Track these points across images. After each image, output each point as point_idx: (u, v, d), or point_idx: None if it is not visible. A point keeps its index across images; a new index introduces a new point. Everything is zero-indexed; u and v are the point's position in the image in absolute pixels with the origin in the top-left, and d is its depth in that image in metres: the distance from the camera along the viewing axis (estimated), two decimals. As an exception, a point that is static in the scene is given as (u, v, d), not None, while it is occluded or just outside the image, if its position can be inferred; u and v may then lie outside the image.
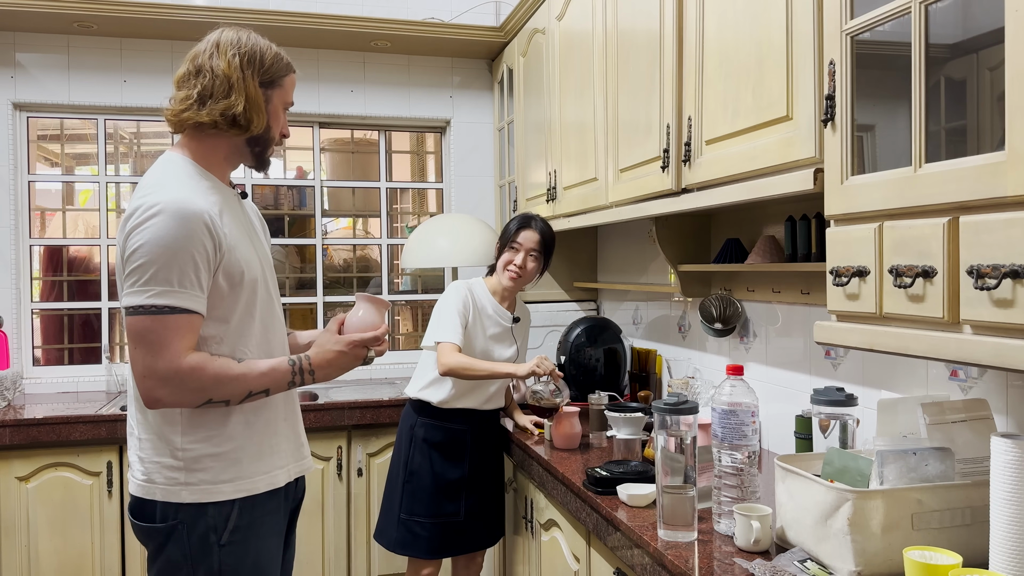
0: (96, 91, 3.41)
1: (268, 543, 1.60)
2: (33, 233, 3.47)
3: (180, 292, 1.43)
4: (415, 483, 2.48)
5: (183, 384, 1.44)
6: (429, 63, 3.81)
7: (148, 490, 1.52)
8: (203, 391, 1.46)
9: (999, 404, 1.51)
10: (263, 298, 1.60)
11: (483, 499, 2.55)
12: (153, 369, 1.43)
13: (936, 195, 1.14)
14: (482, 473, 2.54)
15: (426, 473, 2.47)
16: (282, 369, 1.53)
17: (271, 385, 1.53)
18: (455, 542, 2.50)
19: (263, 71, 1.57)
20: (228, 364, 1.48)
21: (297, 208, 3.89)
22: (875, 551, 1.27)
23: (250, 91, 1.55)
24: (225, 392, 1.48)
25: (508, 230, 2.54)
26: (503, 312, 2.54)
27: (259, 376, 1.50)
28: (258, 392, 1.52)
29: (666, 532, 1.56)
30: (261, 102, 1.57)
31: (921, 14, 1.17)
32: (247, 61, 1.55)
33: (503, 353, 2.53)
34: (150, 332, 1.42)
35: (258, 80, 1.57)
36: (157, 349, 1.42)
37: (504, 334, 2.54)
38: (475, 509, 2.52)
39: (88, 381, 3.43)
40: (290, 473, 1.66)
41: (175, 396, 1.45)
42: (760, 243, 2.11)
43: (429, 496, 2.47)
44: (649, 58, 2.14)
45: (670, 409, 1.55)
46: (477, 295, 2.51)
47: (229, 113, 1.53)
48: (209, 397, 1.47)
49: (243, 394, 1.50)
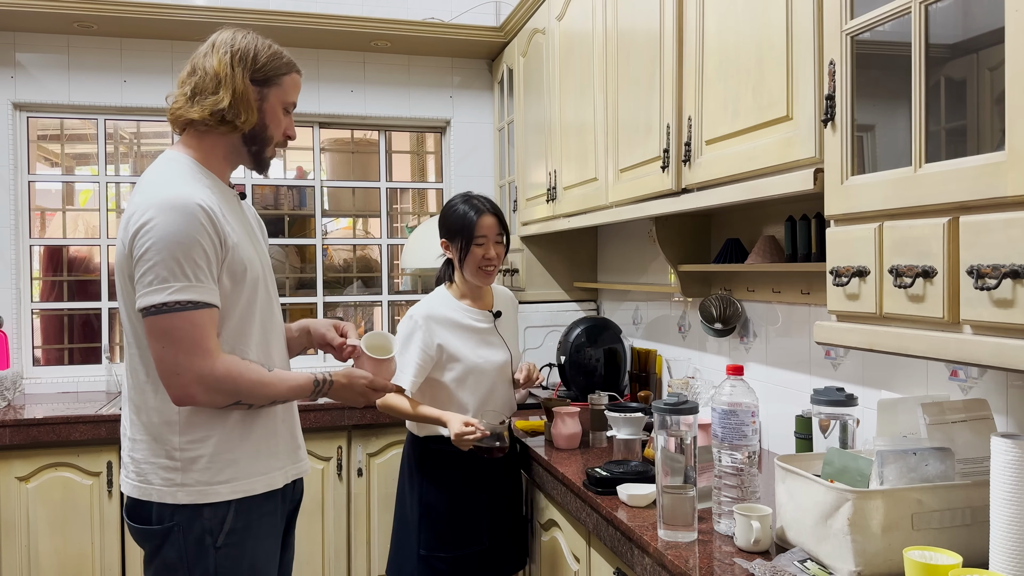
0: (96, 91, 3.41)
1: (265, 545, 1.59)
2: (33, 233, 3.47)
3: (198, 286, 1.44)
4: (433, 517, 2.24)
5: (219, 385, 1.45)
6: (429, 63, 3.81)
7: (144, 491, 1.52)
8: (236, 394, 1.49)
9: (999, 404, 1.51)
10: (263, 298, 1.60)
11: (506, 521, 2.34)
12: (188, 367, 1.43)
13: (936, 195, 1.14)
14: (503, 490, 2.34)
15: (443, 506, 2.24)
16: (306, 386, 1.59)
17: (294, 397, 1.59)
18: (479, 572, 2.27)
19: (256, 68, 1.57)
20: (261, 371, 1.53)
21: (297, 208, 3.89)
22: (875, 551, 1.27)
23: (237, 87, 1.55)
24: (255, 397, 1.52)
25: (467, 222, 2.22)
26: (479, 313, 2.31)
27: (288, 390, 1.56)
28: (280, 401, 1.57)
29: (666, 532, 1.56)
30: (251, 98, 1.56)
31: (921, 14, 1.17)
32: (238, 59, 1.56)
33: (494, 358, 2.29)
34: (178, 330, 1.42)
35: (249, 77, 1.56)
36: (189, 346, 1.43)
37: (489, 334, 2.32)
38: (499, 533, 2.31)
39: (88, 381, 3.43)
40: (288, 475, 1.66)
41: (209, 395, 1.46)
42: (760, 243, 2.11)
43: (450, 529, 2.24)
44: (649, 58, 2.14)
45: (670, 409, 1.55)
46: (440, 312, 2.26)
47: (216, 109, 1.53)
48: (239, 399, 1.50)
49: (268, 401, 1.54)
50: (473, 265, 2.25)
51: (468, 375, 2.25)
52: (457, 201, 2.30)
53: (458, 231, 2.25)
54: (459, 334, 2.27)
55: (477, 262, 2.24)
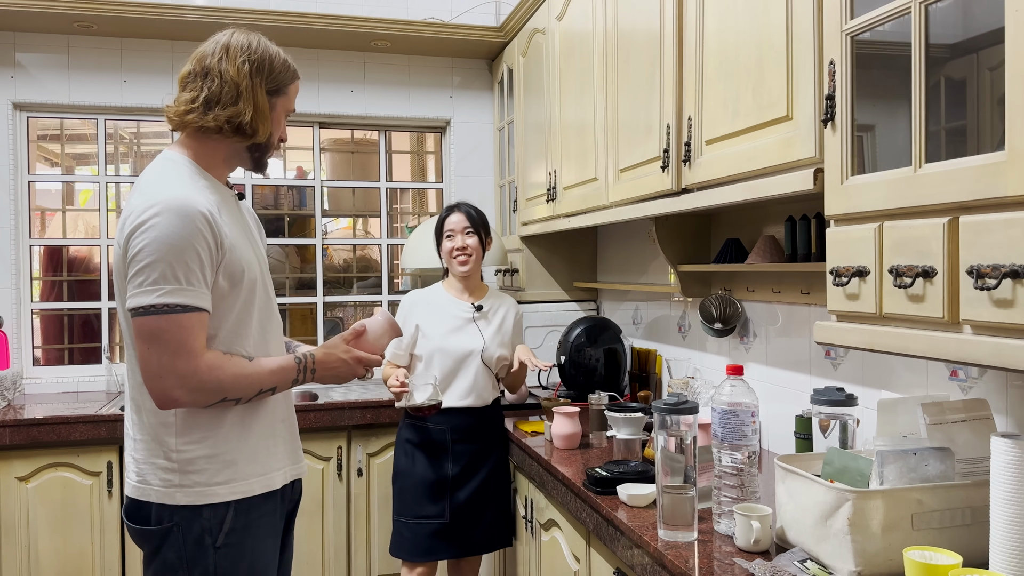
0: (96, 91, 3.41)
1: (264, 545, 1.59)
2: (33, 233, 3.47)
3: (189, 290, 1.43)
4: (400, 483, 2.52)
5: (202, 384, 1.44)
6: (429, 63, 3.81)
7: (143, 492, 1.52)
8: (220, 391, 1.47)
9: (999, 404, 1.51)
10: (261, 299, 1.59)
11: (474, 502, 2.50)
12: (172, 369, 1.42)
13: (936, 195, 1.14)
14: (470, 474, 2.50)
15: (409, 474, 2.49)
16: (289, 367, 1.56)
17: (279, 383, 1.55)
18: (440, 546, 2.46)
19: (271, 79, 1.56)
20: (242, 362, 1.50)
21: (297, 208, 3.89)
22: (875, 551, 1.27)
23: (258, 100, 1.54)
24: (240, 390, 1.49)
25: (440, 221, 2.58)
26: (460, 304, 2.54)
27: (270, 374, 1.53)
28: (267, 390, 1.53)
29: (666, 532, 1.56)
30: (267, 111, 1.56)
31: (921, 14, 1.17)
32: (256, 68, 1.54)
33: (465, 344, 2.49)
34: (164, 332, 1.41)
35: (265, 88, 1.55)
36: (174, 349, 1.42)
37: (467, 323, 2.52)
38: (462, 511, 2.48)
39: (88, 381, 3.43)
40: (286, 475, 1.65)
41: (192, 396, 1.45)
42: (760, 243, 2.11)
43: (413, 497, 2.48)
44: (649, 58, 2.14)
45: (670, 409, 1.55)
46: (425, 297, 2.57)
47: (236, 121, 1.52)
48: (225, 396, 1.48)
49: (254, 392, 1.52)
50: (447, 257, 2.56)
51: (435, 353, 2.49)
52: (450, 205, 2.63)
53: (436, 231, 2.60)
54: (436, 317, 2.53)
55: (449, 253, 2.54)
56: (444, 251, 2.55)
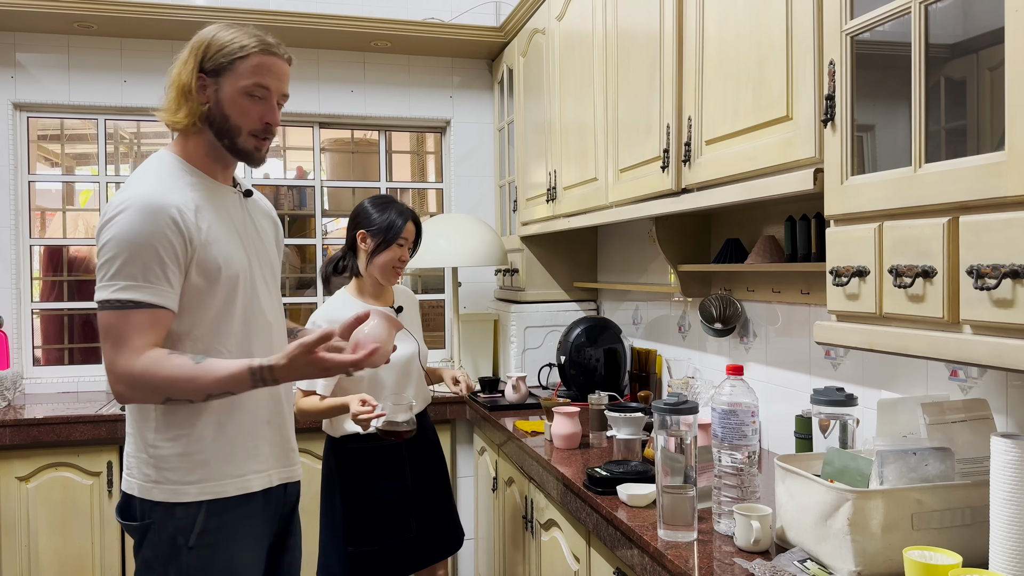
0: (96, 91, 3.41)
1: (242, 549, 1.56)
2: (33, 233, 3.47)
3: (145, 287, 1.42)
4: (358, 514, 2.30)
5: (138, 383, 1.43)
6: (429, 63, 3.81)
7: (129, 485, 1.53)
8: (158, 391, 1.44)
9: (999, 404, 1.51)
10: (246, 296, 1.57)
11: (432, 504, 2.42)
12: (112, 365, 1.43)
13: (936, 195, 1.14)
14: (425, 479, 2.42)
15: (364, 501, 2.30)
16: (241, 376, 1.44)
17: (231, 389, 1.46)
18: (411, 561, 2.35)
19: (206, 58, 1.53)
20: (181, 365, 1.42)
21: (297, 208, 3.89)
22: (875, 551, 1.27)
23: (182, 79, 1.53)
24: (181, 392, 1.44)
25: (394, 225, 2.30)
26: None
27: (215, 382, 1.43)
28: (219, 394, 1.47)
29: (666, 532, 1.56)
30: (192, 88, 1.52)
31: (921, 14, 1.17)
32: (192, 52, 1.54)
33: (403, 351, 2.31)
34: (112, 327, 1.42)
35: (200, 68, 1.53)
36: (118, 345, 1.42)
37: None
38: (427, 518, 2.40)
39: (88, 381, 3.43)
40: (271, 479, 1.62)
41: (134, 393, 1.45)
42: (760, 243, 2.11)
43: (377, 522, 2.30)
44: (649, 58, 2.14)
45: (670, 409, 1.55)
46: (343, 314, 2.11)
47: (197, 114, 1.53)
48: (168, 396, 1.45)
49: (201, 396, 1.46)
50: (387, 263, 2.31)
51: (380, 369, 2.26)
52: (387, 200, 2.38)
53: (386, 227, 2.30)
54: None
55: (392, 262, 2.31)
56: (385, 257, 2.30)
